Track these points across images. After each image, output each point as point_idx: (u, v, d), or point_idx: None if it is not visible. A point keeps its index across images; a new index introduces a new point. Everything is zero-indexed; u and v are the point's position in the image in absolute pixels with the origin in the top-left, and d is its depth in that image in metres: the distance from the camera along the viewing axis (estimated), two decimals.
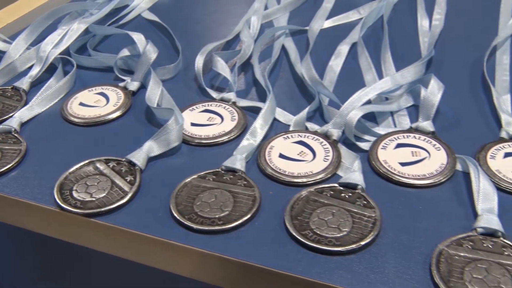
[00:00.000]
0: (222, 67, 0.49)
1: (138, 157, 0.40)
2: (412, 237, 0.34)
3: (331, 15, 0.61)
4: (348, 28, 0.58)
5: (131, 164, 0.40)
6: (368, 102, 0.45)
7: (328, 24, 0.60)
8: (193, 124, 0.44)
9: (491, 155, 0.40)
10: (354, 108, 0.42)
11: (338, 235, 0.34)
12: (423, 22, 0.58)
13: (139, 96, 0.49)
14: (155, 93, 0.47)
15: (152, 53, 0.49)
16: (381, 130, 0.43)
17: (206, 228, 0.35)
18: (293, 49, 0.54)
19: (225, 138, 0.43)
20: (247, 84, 0.50)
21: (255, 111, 0.45)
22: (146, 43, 0.50)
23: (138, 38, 0.51)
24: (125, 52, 0.51)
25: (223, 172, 0.39)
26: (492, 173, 0.38)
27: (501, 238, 0.34)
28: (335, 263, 0.33)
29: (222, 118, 0.45)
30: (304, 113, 0.44)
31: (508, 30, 0.55)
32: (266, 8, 0.62)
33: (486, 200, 0.36)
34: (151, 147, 0.41)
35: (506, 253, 0.33)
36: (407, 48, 0.54)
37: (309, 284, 0.32)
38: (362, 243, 0.34)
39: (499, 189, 0.37)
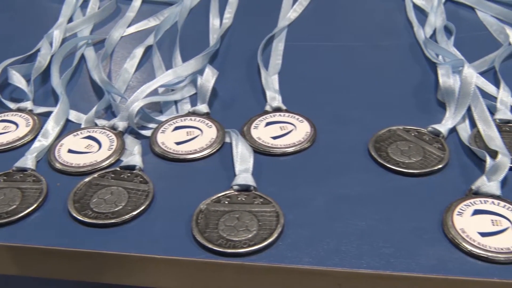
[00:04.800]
0: (18, 79, 0.52)
1: None
2: (181, 203, 0.39)
3: (134, 22, 0.66)
4: (148, 33, 0.63)
5: None
6: (156, 95, 0.50)
7: (131, 30, 0.64)
8: None
9: (254, 126, 0.46)
10: (138, 101, 0.47)
11: (115, 209, 0.39)
12: (214, 21, 0.64)
13: None
14: None
15: None
16: (163, 117, 0.48)
17: None
18: (91, 57, 0.58)
19: (19, 143, 0.46)
20: (46, 93, 0.53)
21: None
22: None
23: None
24: None
25: (14, 172, 0.42)
26: (253, 140, 0.44)
27: (254, 191, 0.40)
28: (111, 234, 0.37)
29: (17, 125, 0.48)
30: (92, 111, 0.48)
31: (286, 21, 0.63)
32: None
33: (243, 162, 0.42)
34: None
35: (256, 202, 0.39)
36: (198, 45, 0.60)
37: (86, 254, 0.36)
38: (134, 213, 0.38)
39: (259, 152, 0.44)
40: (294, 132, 0.45)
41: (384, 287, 0.34)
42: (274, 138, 0.45)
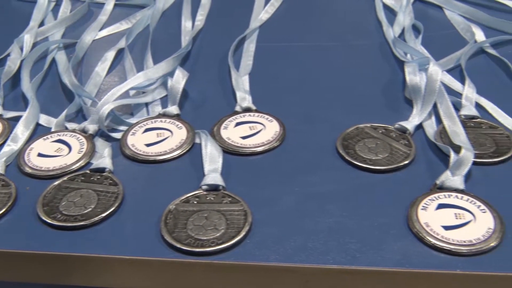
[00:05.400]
0: None
1: None
2: (151, 204, 0.40)
3: (106, 25, 0.66)
4: (120, 36, 0.63)
5: None
6: (127, 97, 0.50)
7: (103, 34, 0.64)
8: None
9: (224, 126, 0.46)
10: (108, 103, 0.47)
11: (84, 211, 0.39)
12: (186, 24, 0.65)
13: None
14: None
15: None
16: (134, 119, 0.48)
17: None
18: (63, 61, 0.58)
19: None
20: (16, 97, 0.53)
21: None
22: None
23: None
24: None
25: None
26: (223, 141, 0.45)
27: (222, 191, 0.40)
28: (81, 236, 0.37)
29: None
30: (63, 115, 0.48)
31: (257, 23, 0.64)
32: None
33: (212, 162, 0.42)
34: None
35: (224, 201, 0.39)
36: (170, 48, 0.60)
37: (54, 257, 0.36)
38: (103, 215, 0.38)
39: (229, 152, 0.44)
40: (263, 131, 0.46)
41: (350, 282, 0.35)
42: (244, 138, 0.45)
